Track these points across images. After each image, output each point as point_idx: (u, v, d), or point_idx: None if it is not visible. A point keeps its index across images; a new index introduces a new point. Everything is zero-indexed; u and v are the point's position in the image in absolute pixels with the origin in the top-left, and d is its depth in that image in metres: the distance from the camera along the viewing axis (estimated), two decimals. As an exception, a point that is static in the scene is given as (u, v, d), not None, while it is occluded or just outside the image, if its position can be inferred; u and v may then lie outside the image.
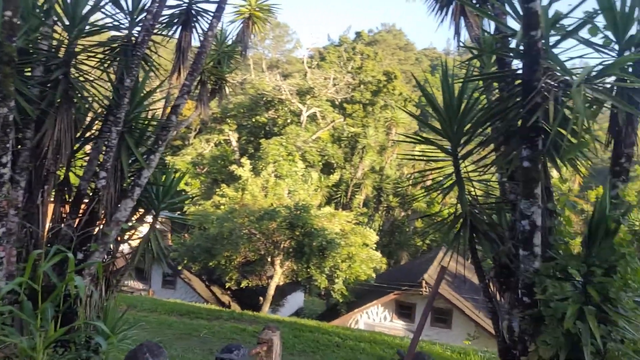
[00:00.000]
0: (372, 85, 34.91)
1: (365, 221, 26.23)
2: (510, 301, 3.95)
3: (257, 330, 9.00)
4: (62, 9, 4.47)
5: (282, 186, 20.82)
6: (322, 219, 18.19)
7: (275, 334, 5.40)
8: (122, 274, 5.18)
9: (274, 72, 34.44)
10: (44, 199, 4.54)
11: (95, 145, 4.93)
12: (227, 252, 17.89)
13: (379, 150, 32.05)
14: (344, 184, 30.51)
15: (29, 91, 4.19)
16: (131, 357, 3.60)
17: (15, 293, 3.71)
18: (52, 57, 4.51)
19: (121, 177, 4.76)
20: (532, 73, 3.23)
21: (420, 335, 3.79)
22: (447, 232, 4.22)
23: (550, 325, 3.35)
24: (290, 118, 31.31)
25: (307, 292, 23.97)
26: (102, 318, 4.56)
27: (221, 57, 7.78)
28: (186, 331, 9.27)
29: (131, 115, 4.83)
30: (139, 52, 4.73)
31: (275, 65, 46.44)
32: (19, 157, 4.26)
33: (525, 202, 3.46)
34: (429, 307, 4.03)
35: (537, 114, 3.18)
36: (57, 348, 3.96)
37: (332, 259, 17.18)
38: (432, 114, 4.16)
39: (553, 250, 3.64)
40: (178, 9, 6.34)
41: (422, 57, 68.14)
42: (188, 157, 31.19)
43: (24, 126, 4.30)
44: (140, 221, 5.51)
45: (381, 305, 18.39)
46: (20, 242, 4.32)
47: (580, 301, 3.27)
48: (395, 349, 8.74)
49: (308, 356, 8.13)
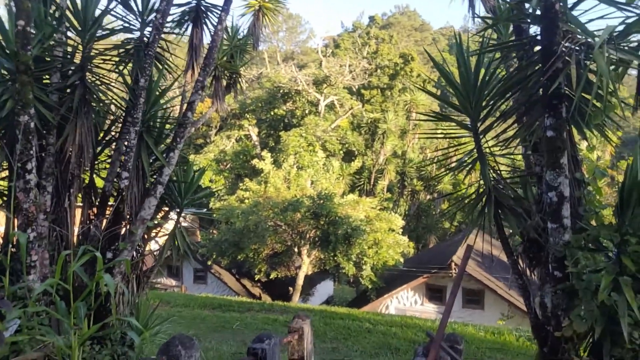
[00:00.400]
0: (389, 69, 34.48)
1: (390, 206, 26.06)
2: (541, 276, 3.84)
3: (288, 319, 9.09)
4: (73, 15, 4.53)
5: (304, 177, 20.87)
6: (346, 207, 18.18)
7: (306, 322, 5.44)
8: (151, 270, 5.29)
9: (289, 64, 34.36)
10: (71, 202, 4.65)
11: (116, 147, 5.02)
12: (255, 245, 18.12)
13: (400, 135, 31.70)
14: (366, 170, 30.37)
15: (47, 98, 4.28)
16: (164, 350, 3.68)
17: (49, 294, 3.83)
18: (67, 63, 4.59)
19: (143, 176, 4.84)
20: (551, 37, 3.10)
21: (449, 316, 3.73)
22: (471, 210, 4.12)
23: (584, 298, 3.24)
24: (308, 108, 31.25)
25: (336, 281, 24.10)
26: (134, 314, 4.68)
27: (234, 51, 7.78)
28: (219, 324, 9.46)
29: (148, 114, 4.89)
30: (151, 51, 4.77)
31: (290, 57, 46.36)
32: (44, 163, 4.37)
33: (551, 173, 3.34)
34: (457, 287, 3.96)
35: (558, 79, 3.05)
36: (93, 345, 4.09)
37: (358, 245, 17.18)
38: (451, 91, 4.05)
39: (583, 222, 3.52)
40: (187, 6, 6.35)
41: (439, 37, 66.75)
42: (211, 154, 31.59)
43: (46, 132, 4.40)
44: (166, 218, 5.60)
45: (411, 289, 18.31)
46: (52, 245, 4.46)
47: (615, 272, 3.15)
48: (426, 332, 8.70)
49: (340, 343, 8.18)
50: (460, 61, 3.79)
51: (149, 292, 5.38)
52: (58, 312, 3.34)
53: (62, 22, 4.54)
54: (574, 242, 3.39)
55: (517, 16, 3.86)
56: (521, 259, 4.09)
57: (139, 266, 5.11)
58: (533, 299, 3.97)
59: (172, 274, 23.16)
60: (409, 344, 7.95)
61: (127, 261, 4.18)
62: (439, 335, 3.40)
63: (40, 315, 3.60)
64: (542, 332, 3.70)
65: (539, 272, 3.91)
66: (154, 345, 5.16)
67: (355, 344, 8.06)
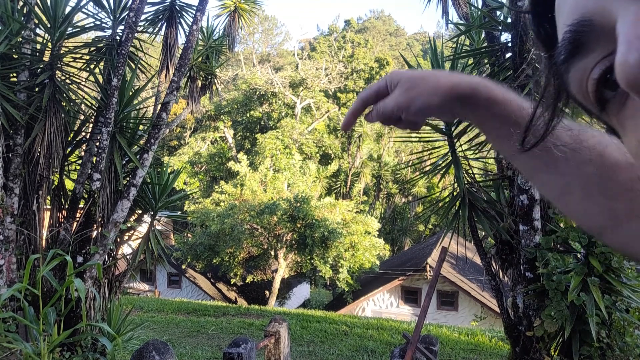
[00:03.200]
0: (364, 72, 34.76)
1: (366, 209, 26.24)
2: (513, 278, 3.94)
3: (265, 323, 9.02)
4: (42, 11, 4.40)
5: (280, 179, 20.80)
6: (322, 210, 18.19)
7: (282, 326, 5.42)
8: (124, 274, 5.17)
9: (266, 66, 34.23)
10: (40, 204, 4.51)
11: (87, 148, 4.89)
12: (230, 249, 17.92)
13: (375, 138, 31.98)
14: (342, 173, 30.50)
15: (15, 97, 4.14)
16: (137, 356, 3.60)
17: (16, 300, 3.70)
18: (36, 60, 4.45)
19: (116, 178, 4.73)
20: (521, 44, 3.19)
21: (424, 318, 3.78)
22: (446, 213, 4.20)
23: (554, 298, 3.34)
24: (285, 111, 31.18)
25: (312, 284, 24.07)
26: (106, 320, 4.56)
27: (209, 52, 7.69)
28: (194, 329, 9.30)
29: (121, 115, 4.78)
30: (124, 50, 4.67)
31: (266, 59, 46.17)
32: (11, 164, 4.23)
33: (522, 176, 3.43)
34: (432, 289, 4.02)
35: (529, 86, 3.15)
36: (63, 352, 3.96)
37: (335, 248, 17.22)
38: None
39: (553, 224, 3.63)
40: (162, 5, 6.26)
41: (413, 42, 67.74)
42: (185, 156, 31.10)
43: (13, 132, 4.25)
44: (139, 221, 5.49)
45: (387, 291, 18.46)
46: (19, 249, 4.31)
47: (583, 273, 3.26)
48: (402, 334, 8.78)
49: (316, 346, 8.16)
50: (435, 66, 3.86)
51: (121, 297, 5.25)
52: (26, 318, 3.22)
53: (31, 19, 4.40)
54: (544, 243, 3.49)
55: (489, 23, 3.96)
56: (494, 260, 4.18)
57: (111, 270, 4.98)
58: (505, 300, 4.06)
59: (146, 278, 22.67)
60: (386, 346, 8.01)
61: (99, 265, 4.07)
62: (415, 337, 3.44)
63: (7, 322, 3.47)
64: (514, 332, 3.79)
65: (511, 273, 4.01)
66: (126, 352, 5.03)
67: (332, 347, 8.07)
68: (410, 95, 0.53)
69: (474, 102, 0.51)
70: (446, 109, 0.53)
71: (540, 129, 0.39)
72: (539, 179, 0.51)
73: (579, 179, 0.46)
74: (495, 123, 0.51)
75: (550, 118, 0.38)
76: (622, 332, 3.49)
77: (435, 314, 16.74)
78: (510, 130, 0.48)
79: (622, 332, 3.49)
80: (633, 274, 3.52)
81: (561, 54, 0.32)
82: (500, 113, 0.50)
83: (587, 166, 0.45)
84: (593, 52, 0.31)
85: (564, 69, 0.33)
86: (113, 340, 4.11)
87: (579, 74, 0.32)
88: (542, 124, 0.39)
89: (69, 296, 3.87)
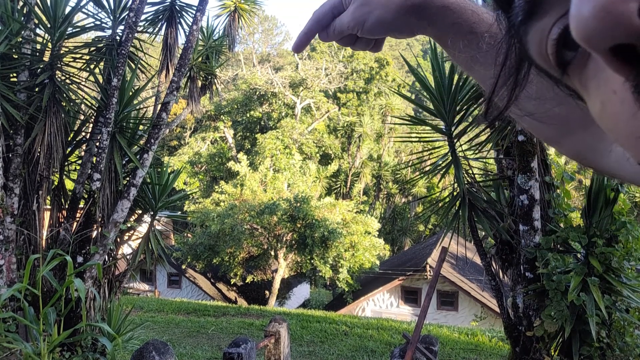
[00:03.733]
0: (364, 73, 34.75)
1: (366, 209, 26.24)
2: (513, 278, 3.94)
3: (265, 323, 9.02)
4: (42, 11, 4.40)
5: (280, 180, 20.80)
6: (322, 210, 18.20)
7: (282, 326, 5.42)
8: (124, 274, 5.17)
9: (266, 66, 34.23)
10: (40, 204, 4.51)
11: (87, 148, 4.89)
12: (230, 249, 17.92)
13: (375, 138, 31.99)
14: (342, 173, 30.50)
15: (15, 97, 4.14)
16: (137, 356, 3.60)
17: (17, 300, 3.70)
18: (36, 60, 4.45)
19: (116, 178, 4.72)
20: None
21: (424, 318, 3.78)
22: (446, 213, 4.20)
23: (554, 298, 3.34)
24: (285, 111, 31.18)
25: (312, 284, 24.07)
26: (106, 320, 4.56)
27: (209, 52, 7.70)
28: (194, 329, 9.30)
29: (121, 115, 4.78)
30: (124, 50, 4.67)
31: (266, 59, 46.17)
32: (11, 164, 4.22)
33: (522, 177, 3.43)
34: (432, 289, 4.02)
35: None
36: (63, 352, 3.96)
37: (334, 248, 17.22)
38: (425, 96, 4.12)
39: (553, 224, 3.63)
40: (162, 5, 6.26)
41: (413, 42, 67.77)
42: (185, 156, 31.10)
43: (13, 132, 4.25)
44: (139, 221, 5.48)
45: (387, 291, 18.46)
46: (19, 249, 4.30)
47: (583, 273, 3.26)
48: (402, 334, 8.78)
49: (316, 346, 8.16)
50: (435, 66, 3.86)
51: (121, 297, 5.25)
52: (26, 318, 3.22)
53: (31, 19, 4.40)
54: (544, 243, 3.49)
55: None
56: (494, 260, 4.18)
57: (111, 270, 4.98)
58: (505, 300, 4.06)
59: (146, 278, 22.67)
60: (385, 346, 8.01)
61: (99, 265, 4.07)
62: (415, 337, 3.43)
63: (8, 322, 3.47)
64: (514, 332, 3.79)
65: (511, 273, 4.01)
66: (126, 352, 5.03)
67: (331, 347, 8.07)
68: (365, 10, 0.51)
69: (429, 13, 0.50)
70: (402, 22, 0.51)
71: (503, 99, 0.37)
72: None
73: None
74: (452, 33, 0.50)
75: (514, 86, 0.36)
76: (622, 332, 3.49)
77: (435, 314, 16.74)
78: (467, 39, 0.47)
79: (622, 332, 3.49)
80: (633, 274, 3.52)
81: (518, 15, 0.31)
82: (455, 21, 0.49)
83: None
84: (551, 10, 0.29)
85: (523, 30, 0.31)
86: (113, 340, 4.11)
87: (538, 36, 0.30)
88: (505, 93, 0.37)
89: (69, 296, 3.87)
